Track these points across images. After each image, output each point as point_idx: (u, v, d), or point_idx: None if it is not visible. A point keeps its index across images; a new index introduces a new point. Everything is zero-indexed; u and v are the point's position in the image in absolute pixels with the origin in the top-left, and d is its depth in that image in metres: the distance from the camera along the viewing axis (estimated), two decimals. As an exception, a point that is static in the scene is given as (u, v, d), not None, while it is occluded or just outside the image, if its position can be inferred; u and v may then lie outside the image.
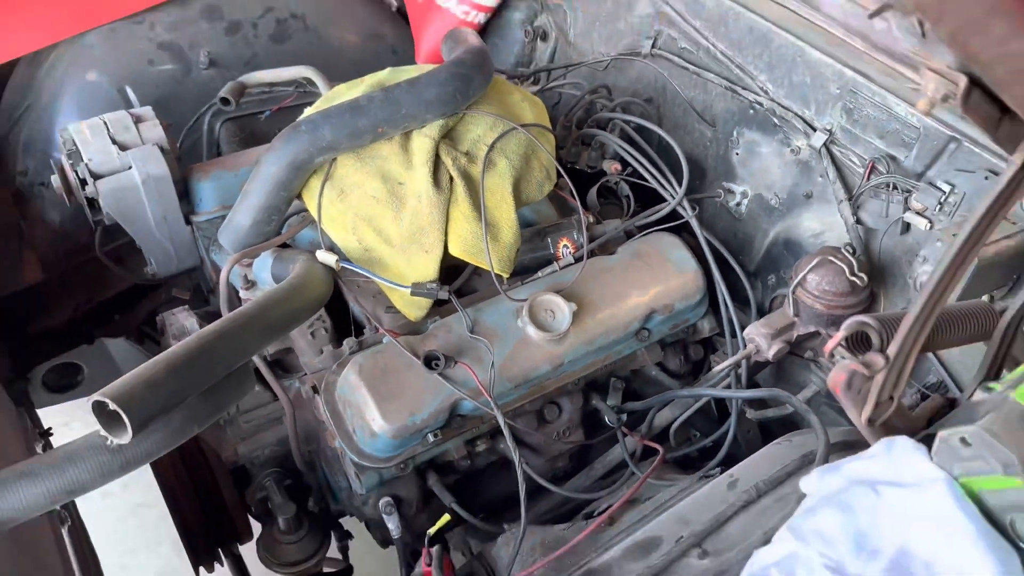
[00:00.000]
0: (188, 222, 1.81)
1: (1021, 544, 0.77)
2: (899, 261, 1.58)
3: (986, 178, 1.40)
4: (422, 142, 1.56)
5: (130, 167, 1.70)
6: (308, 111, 1.62)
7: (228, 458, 1.63)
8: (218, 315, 1.39)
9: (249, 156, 1.87)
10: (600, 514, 1.45)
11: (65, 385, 2.23)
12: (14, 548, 1.19)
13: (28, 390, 2.15)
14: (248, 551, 1.77)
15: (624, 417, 1.71)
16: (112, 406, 0.98)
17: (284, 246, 1.64)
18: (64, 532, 1.47)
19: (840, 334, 0.94)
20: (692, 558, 1.11)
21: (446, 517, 1.41)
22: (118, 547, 2.74)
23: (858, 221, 1.61)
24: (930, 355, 1.52)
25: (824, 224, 1.70)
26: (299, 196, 1.62)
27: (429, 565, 1.32)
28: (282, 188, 1.55)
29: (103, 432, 1.02)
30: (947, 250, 0.86)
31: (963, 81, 0.69)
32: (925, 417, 1.04)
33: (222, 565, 1.78)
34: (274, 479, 1.65)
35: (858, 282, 1.52)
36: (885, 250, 1.59)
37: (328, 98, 1.65)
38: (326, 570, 1.77)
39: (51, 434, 1.94)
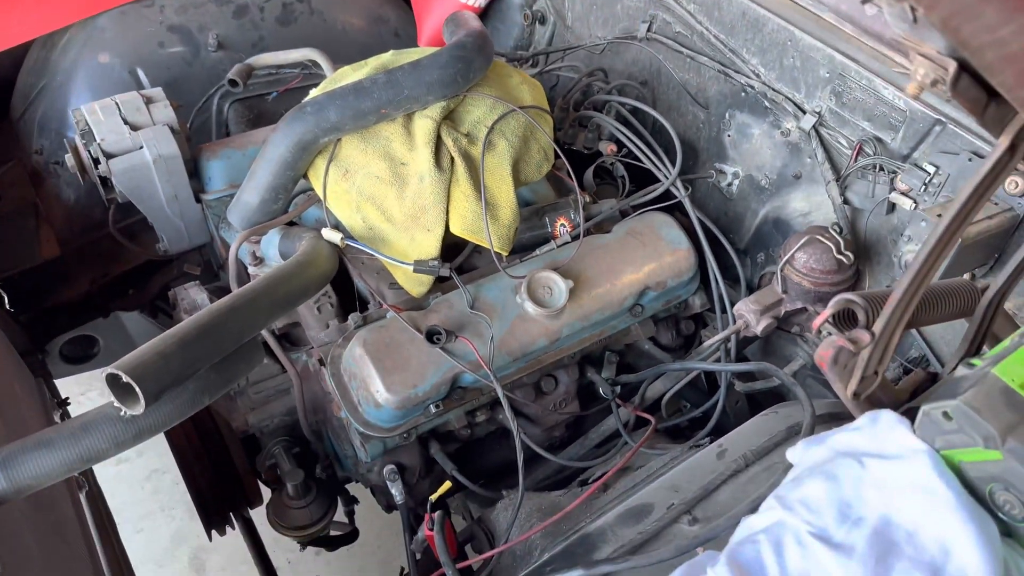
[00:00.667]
0: (198, 200, 1.80)
1: (999, 514, 0.77)
2: (884, 240, 1.57)
3: (970, 160, 1.38)
4: (424, 123, 1.54)
5: (141, 147, 1.68)
6: (313, 93, 1.60)
7: (239, 427, 1.63)
8: (227, 290, 1.39)
9: (257, 136, 1.85)
10: (594, 481, 1.45)
11: (82, 356, 2.23)
12: (34, 513, 1.19)
13: (46, 361, 2.14)
14: (258, 515, 1.78)
15: (618, 389, 1.72)
16: (125, 379, 0.98)
17: (291, 224, 1.62)
18: (82, 497, 1.47)
19: (827, 311, 0.93)
20: (683, 524, 1.12)
21: (447, 484, 1.41)
22: (134, 511, 2.75)
23: (845, 201, 1.60)
24: (913, 331, 1.51)
25: (812, 204, 1.69)
26: (305, 176, 1.60)
27: (431, 529, 1.32)
28: (288, 168, 1.53)
29: (117, 403, 1.01)
30: (934, 230, 0.85)
31: (952, 66, 0.67)
32: (908, 391, 1.04)
33: (233, 528, 1.79)
34: (283, 447, 1.65)
35: (844, 260, 1.51)
36: (871, 229, 1.58)
37: (333, 80, 1.63)
38: (333, 533, 1.78)
39: (68, 403, 1.94)
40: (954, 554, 0.74)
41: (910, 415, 0.84)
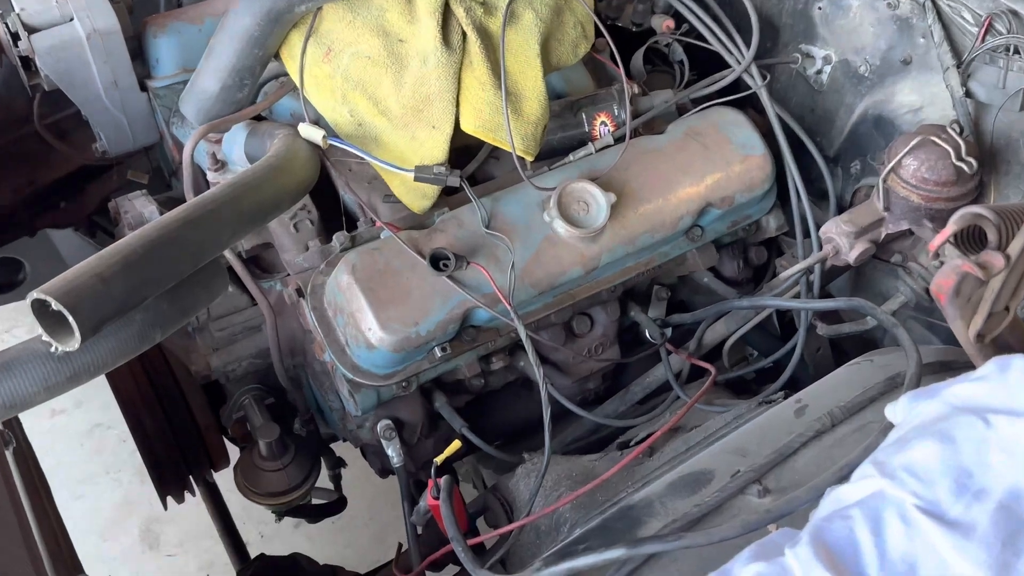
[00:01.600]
0: (144, 88, 1.78)
1: None
2: (1016, 143, 1.53)
3: None
4: (428, -12, 1.50)
5: (72, 19, 1.65)
6: (287, -52, 1.55)
7: (199, 371, 1.65)
8: (182, 201, 1.37)
9: (215, 6, 1.81)
10: (638, 444, 1.45)
11: (4, 284, 2.24)
12: (-51, 471, 1.21)
13: (-40, 290, 2.16)
14: (224, 479, 1.80)
15: (669, 332, 1.70)
16: (56, 305, 0.97)
17: (260, 118, 1.60)
18: (8, 455, 1.48)
19: (949, 228, 0.90)
20: (751, 495, 1.11)
21: (456, 444, 1.41)
22: (73, 473, 2.81)
23: (967, 93, 1.55)
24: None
25: (925, 97, 1.64)
26: (277, 56, 1.57)
27: (436, 498, 1.33)
28: (255, 45, 1.50)
29: (46, 337, 1.01)
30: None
31: None
32: (1047, 333, 1.02)
33: (193, 495, 1.82)
34: (253, 397, 1.67)
35: (966, 168, 1.47)
36: (999, 130, 1.54)
37: (311, -68, 1.57)
38: (315, 502, 1.81)
39: (-10, 341, 1.96)
40: (1104, 535, 0.72)
41: (1051, 363, 0.82)
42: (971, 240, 0.93)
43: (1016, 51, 1.47)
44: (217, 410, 1.71)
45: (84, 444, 2.89)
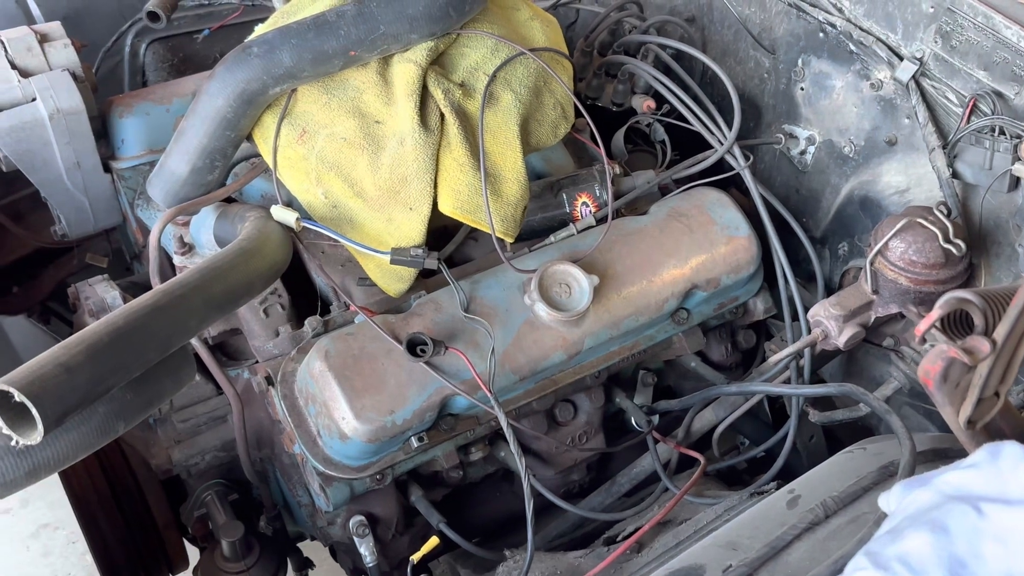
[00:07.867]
0: (107, 169, 1.82)
1: None
2: (1005, 225, 1.58)
3: (1117, 121, 1.39)
4: (405, 70, 1.55)
5: (34, 98, 1.70)
6: (260, 29, 1.61)
7: (159, 466, 1.65)
8: (145, 287, 1.40)
9: (184, 86, 1.86)
10: (626, 539, 1.46)
11: (-49, 374, 2.22)
12: None
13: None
14: (184, 583, 1.79)
15: (655, 419, 1.73)
16: (18, 397, 0.99)
17: (230, 200, 1.63)
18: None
19: (935, 313, 0.94)
20: (744, 592, 1.13)
21: (433, 541, 1.43)
22: (17, 578, 2.76)
23: (954, 175, 1.61)
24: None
25: (911, 178, 1.70)
26: (249, 137, 1.61)
27: (412, 600, 1.33)
28: (228, 127, 1.54)
29: (6, 430, 1.02)
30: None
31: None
32: (1038, 419, 1.05)
33: (151, 600, 1.80)
34: (216, 493, 1.67)
35: (954, 251, 1.52)
36: (988, 211, 1.59)
37: (286, 12, 1.63)
38: (281, 607, 1.78)
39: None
40: (1099, 626, 0.75)
41: (1043, 450, 0.86)
42: (959, 324, 0.97)
43: (1001, 132, 1.53)
44: (177, 507, 1.70)
45: (29, 546, 2.84)
